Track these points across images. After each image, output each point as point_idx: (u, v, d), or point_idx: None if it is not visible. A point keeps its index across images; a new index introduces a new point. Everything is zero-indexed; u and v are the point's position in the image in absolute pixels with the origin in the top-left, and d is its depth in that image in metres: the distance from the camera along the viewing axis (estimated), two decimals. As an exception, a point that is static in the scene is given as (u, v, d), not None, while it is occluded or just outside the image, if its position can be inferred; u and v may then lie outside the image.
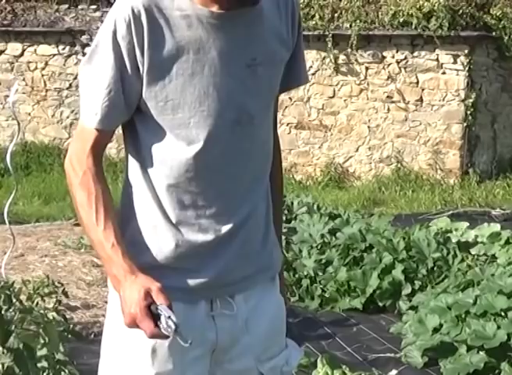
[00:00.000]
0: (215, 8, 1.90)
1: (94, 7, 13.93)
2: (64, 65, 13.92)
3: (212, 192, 2.00)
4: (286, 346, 2.19)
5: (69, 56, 13.89)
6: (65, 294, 4.39)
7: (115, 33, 1.88)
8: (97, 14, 13.71)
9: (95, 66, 1.92)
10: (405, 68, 11.99)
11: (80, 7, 14.03)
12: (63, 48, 13.87)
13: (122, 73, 1.89)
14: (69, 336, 4.03)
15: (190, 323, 1.98)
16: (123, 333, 2.02)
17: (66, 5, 14.10)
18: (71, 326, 4.67)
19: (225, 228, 2.00)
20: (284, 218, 6.31)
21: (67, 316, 4.90)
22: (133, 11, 1.87)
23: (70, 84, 13.91)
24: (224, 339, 2.04)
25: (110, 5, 14.05)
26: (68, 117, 14.01)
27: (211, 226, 2.00)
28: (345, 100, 12.19)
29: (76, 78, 13.85)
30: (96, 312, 5.40)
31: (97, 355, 4.72)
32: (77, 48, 13.81)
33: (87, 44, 13.69)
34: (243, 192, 2.02)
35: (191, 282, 2.00)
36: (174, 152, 1.95)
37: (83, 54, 13.71)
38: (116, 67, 1.89)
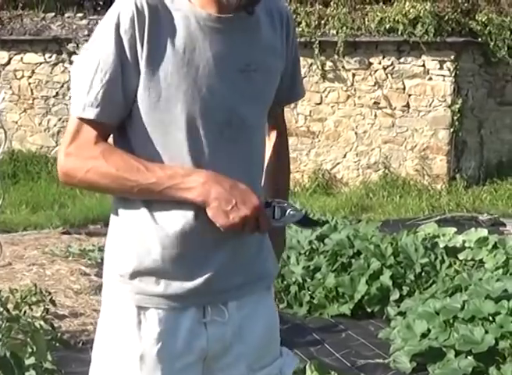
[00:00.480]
0: (213, 11, 1.94)
1: (80, 15, 13.93)
2: (51, 73, 13.89)
3: None
4: (280, 355, 2.18)
5: (55, 64, 13.87)
6: (52, 302, 4.39)
7: (117, 26, 1.89)
8: (84, 22, 13.70)
9: (95, 57, 1.92)
10: (392, 74, 12.03)
11: (66, 15, 14.02)
12: (50, 56, 13.84)
13: (122, 66, 1.90)
14: (57, 344, 4.02)
15: (179, 329, 1.98)
16: (113, 341, 2.02)
17: (53, 13, 14.09)
18: (59, 334, 4.66)
19: (218, 236, 1.97)
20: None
21: (55, 325, 4.89)
22: (136, 6, 1.89)
23: (57, 92, 13.88)
24: (215, 347, 2.02)
25: (97, 13, 14.06)
26: (55, 125, 13.98)
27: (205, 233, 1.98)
28: (332, 106, 12.21)
29: (63, 86, 13.83)
30: (84, 321, 5.38)
31: (85, 363, 4.70)
32: (64, 56, 13.79)
33: (74, 52, 13.68)
34: None
35: (180, 288, 1.98)
36: (164, 152, 1.95)
37: (70, 62, 13.70)
38: (117, 59, 1.90)
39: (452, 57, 11.68)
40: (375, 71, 12.14)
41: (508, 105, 12.76)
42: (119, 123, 1.97)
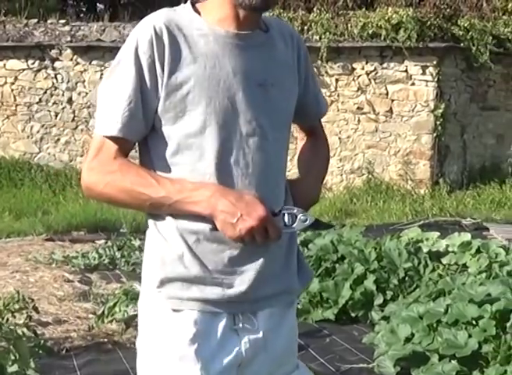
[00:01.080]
0: (231, 29, 2.06)
1: (63, 21, 13.91)
2: (34, 79, 13.86)
3: None
4: (297, 367, 2.26)
5: (38, 71, 13.84)
6: (35, 309, 4.36)
7: (136, 49, 2.01)
8: (67, 28, 13.67)
9: (116, 80, 2.04)
10: (375, 79, 12.07)
11: (49, 21, 14.00)
12: (33, 63, 13.81)
13: (142, 87, 2.01)
14: (40, 352, 4.01)
15: (213, 332, 2.06)
16: (154, 345, 2.09)
17: (36, 20, 14.06)
18: (42, 341, 4.64)
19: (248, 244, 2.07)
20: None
21: (38, 332, 4.87)
22: (154, 29, 2.01)
23: (40, 99, 13.85)
24: (248, 353, 2.10)
25: (79, 19, 14.05)
26: (38, 132, 13.95)
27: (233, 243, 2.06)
28: (315, 112, 12.22)
29: (46, 92, 13.81)
30: (67, 328, 5.35)
31: (68, 370, 4.70)
32: (47, 62, 13.77)
33: (57, 59, 13.67)
34: None
35: (212, 294, 2.06)
36: (188, 164, 2.04)
37: (53, 68, 13.70)
38: (137, 80, 2.01)
39: (434, 62, 11.74)
40: (358, 76, 12.18)
41: (490, 110, 12.83)
42: (140, 139, 2.08)
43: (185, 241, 2.04)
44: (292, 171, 2.50)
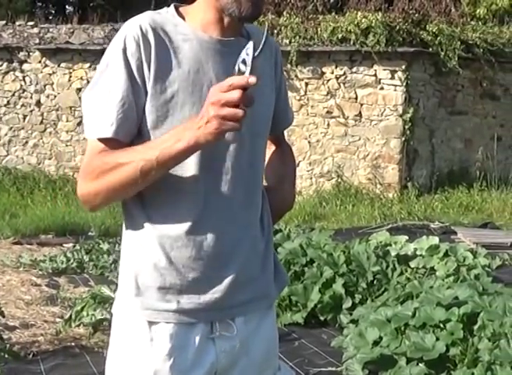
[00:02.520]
0: (214, 34, 2.05)
1: (31, 23, 13.81)
2: (1, 81, 13.76)
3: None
4: (279, 368, 2.28)
5: (6, 73, 13.74)
6: (1, 313, 4.33)
7: (125, 50, 1.98)
8: (35, 30, 13.58)
9: (107, 82, 2.00)
10: (344, 83, 12.11)
11: (17, 23, 13.89)
12: (1, 65, 13.71)
13: (133, 87, 1.98)
14: (7, 356, 3.97)
15: (189, 344, 2.04)
16: (126, 357, 2.06)
17: (4, 22, 13.96)
18: (8, 346, 4.60)
19: (223, 249, 2.06)
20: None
21: (5, 336, 4.83)
22: (141, 29, 1.99)
23: (8, 101, 13.75)
24: (224, 361, 2.09)
25: (48, 21, 13.96)
26: (6, 134, 13.85)
27: (209, 249, 2.04)
28: (285, 115, 12.24)
29: (14, 95, 13.71)
30: (35, 332, 5.31)
31: (35, 374, 4.65)
32: (15, 64, 13.67)
33: (25, 61, 13.58)
34: (236, 212, 2.08)
35: (189, 304, 2.04)
36: (173, 169, 1.99)
37: (21, 70, 13.60)
38: (128, 81, 1.98)
39: (403, 67, 11.81)
40: (328, 80, 12.22)
41: (459, 115, 12.93)
42: (129, 142, 2.02)
43: (162, 247, 2.02)
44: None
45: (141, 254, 2.04)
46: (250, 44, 1.81)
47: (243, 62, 1.83)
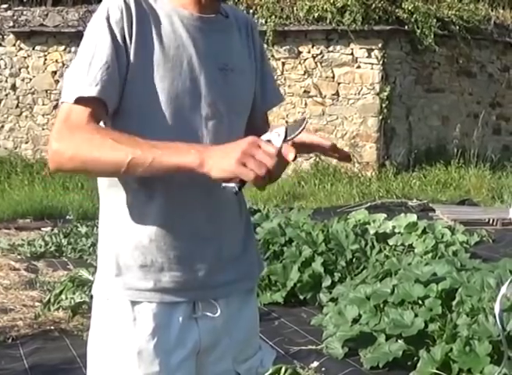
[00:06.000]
0: (194, 12, 2.05)
1: (5, 6, 13.67)
2: (-24, 65, 13.64)
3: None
4: (260, 348, 2.28)
5: (-20, 56, 13.62)
6: (-20, 298, 4.31)
7: (108, 19, 1.96)
8: (9, 13, 13.45)
9: (90, 48, 1.96)
10: (321, 63, 12.10)
11: (-10, 6, 13.76)
12: (-26, 48, 13.59)
13: (117, 53, 1.95)
14: (-15, 341, 3.96)
15: (172, 324, 2.04)
16: (109, 338, 2.05)
17: (-23, 5, 13.82)
18: (-13, 331, 4.58)
19: (204, 227, 2.05)
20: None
21: (-17, 321, 4.81)
22: (124, 1, 1.98)
23: (-17, 85, 13.64)
24: (206, 341, 2.09)
25: (22, 3, 13.83)
26: (-19, 119, 13.75)
27: (189, 227, 2.04)
28: (262, 95, 12.22)
29: (-12, 79, 13.59)
30: (14, 316, 5.29)
31: (15, 359, 4.65)
32: (-11, 47, 13.54)
33: (0, 44, 13.45)
34: (215, 189, 1.95)
35: (170, 283, 2.03)
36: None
37: (-4, 54, 13.47)
38: (113, 47, 1.95)
39: (379, 45, 11.80)
40: (305, 60, 12.20)
41: (435, 92, 12.95)
42: (111, 112, 1.96)
43: (143, 226, 2.01)
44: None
45: (122, 234, 2.03)
46: (282, 129, 1.83)
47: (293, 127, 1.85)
